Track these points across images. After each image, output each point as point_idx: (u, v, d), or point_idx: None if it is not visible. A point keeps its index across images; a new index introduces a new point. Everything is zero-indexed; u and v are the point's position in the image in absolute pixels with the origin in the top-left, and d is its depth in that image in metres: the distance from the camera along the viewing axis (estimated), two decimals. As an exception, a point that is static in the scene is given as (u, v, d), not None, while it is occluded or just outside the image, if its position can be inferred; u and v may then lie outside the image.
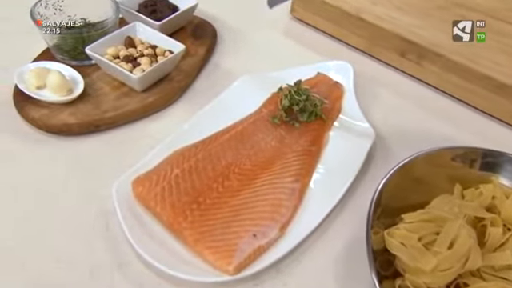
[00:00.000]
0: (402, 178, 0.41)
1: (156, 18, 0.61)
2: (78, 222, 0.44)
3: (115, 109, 0.52)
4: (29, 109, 0.51)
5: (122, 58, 0.54)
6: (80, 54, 0.56)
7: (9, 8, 0.67)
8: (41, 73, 0.52)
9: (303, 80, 0.58)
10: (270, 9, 0.76)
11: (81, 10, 0.60)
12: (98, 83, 0.55)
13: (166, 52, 0.56)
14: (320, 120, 0.52)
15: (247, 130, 0.50)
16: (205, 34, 0.65)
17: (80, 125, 0.50)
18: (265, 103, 0.54)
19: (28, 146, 0.50)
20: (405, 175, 0.41)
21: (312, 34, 0.71)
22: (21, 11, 0.58)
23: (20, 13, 0.58)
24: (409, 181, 0.42)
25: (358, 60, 0.66)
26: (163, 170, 0.44)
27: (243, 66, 0.63)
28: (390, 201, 0.40)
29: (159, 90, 0.55)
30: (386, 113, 0.58)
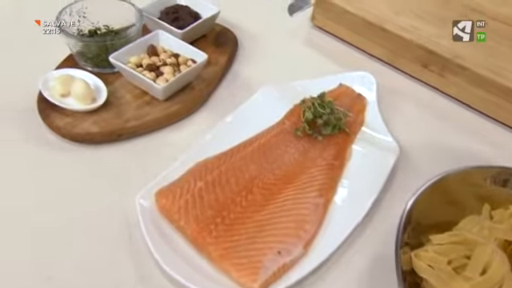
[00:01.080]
0: (430, 196, 0.40)
1: (178, 26, 0.60)
2: (100, 233, 0.44)
3: (137, 118, 0.51)
4: (53, 117, 0.50)
5: (145, 66, 0.54)
6: (103, 62, 0.56)
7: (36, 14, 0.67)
8: (65, 80, 0.52)
9: (325, 91, 0.57)
10: (291, 16, 0.76)
11: (104, 16, 0.60)
12: (121, 91, 0.55)
13: (189, 61, 0.56)
14: (343, 133, 0.51)
15: (270, 142, 0.49)
16: (226, 42, 0.64)
17: (102, 134, 0.50)
18: (287, 115, 0.53)
19: (52, 155, 0.50)
20: (434, 194, 0.40)
21: (333, 42, 0.70)
22: (47, 17, 0.58)
23: (46, 19, 0.58)
24: (437, 199, 0.40)
25: (379, 71, 0.64)
26: (186, 183, 0.44)
27: (263, 74, 0.63)
28: (417, 220, 0.39)
29: (181, 99, 0.54)
30: (408, 126, 0.56)
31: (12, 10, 0.69)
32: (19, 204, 0.46)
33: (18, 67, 0.59)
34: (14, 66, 0.60)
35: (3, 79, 0.58)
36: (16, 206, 0.46)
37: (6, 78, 0.58)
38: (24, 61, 0.60)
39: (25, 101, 0.53)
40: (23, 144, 0.51)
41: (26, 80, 0.56)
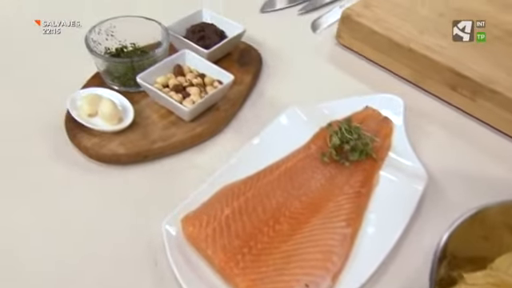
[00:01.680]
0: (467, 230, 0.38)
1: (204, 45, 0.60)
2: (125, 257, 0.44)
3: (163, 139, 0.51)
4: (81, 137, 0.50)
5: (172, 87, 0.54)
6: (129, 81, 0.56)
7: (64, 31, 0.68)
8: (93, 100, 0.52)
9: (351, 113, 0.57)
10: (314, 33, 0.75)
11: (131, 34, 0.60)
12: (147, 111, 0.55)
13: (215, 82, 0.55)
14: (370, 159, 0.50)
15: (296, 167, 0.49)
16: (250, 60, 0.64)
17: (129, 155, 0.50)
18: (313, 138, 0.52)
19: (79, 175, 0.50)
20: (470, 227, 0.39)
21: (358, 61, 0.69)
22: (76, 35, 0.58)
23: (76, 37, 0.58)
24: (473, 233, 0.39)
25: (406, 92, 0.63)
26: (213, 209, 0.43)
27: (288, 93, 0.62)
28: (452, 254, 0.38)
29: (206, 120, 0.54)
30: (437, 151, 0.55)
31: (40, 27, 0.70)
32: (44, 222, 0.46)
33: (47, 84, 0.60)
34: (42, 82, 0.60)
35: (32, 96, 0.58)
36: (40, 224, 0.46)
37: (35, 94, 0.59)
38: (52, 78, 0.61)
39: (53, 118, 0.54)
40: (51, 162, 0.51)
41: (54, 97, 0.56)
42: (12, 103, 0.58)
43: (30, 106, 0.57)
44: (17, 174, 0.50)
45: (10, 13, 0.72)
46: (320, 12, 0.79)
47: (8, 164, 0.51)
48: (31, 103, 0.57)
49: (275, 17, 0.78)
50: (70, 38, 0.65)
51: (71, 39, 0.64)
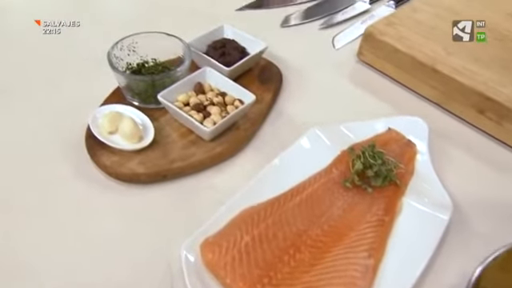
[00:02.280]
0: (500, 265, 0.37)
1: (225, 62, 0.59)
2: (143, 279, 0.43)
3: (183, 159, 0.50)
4: (101, 154, 0.50)
5: (192, 106, 0.53)
6: (150, 98, 0.55)
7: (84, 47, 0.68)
8: (114, 118, 0.51)
9: (373, 135, 0.55)
10: (335, 49, 0.73)
11: (152, 49, 0.59)
12: (167, 129, 0.54)
13: (236, 101, 0.54)
14: (393, 185, 0.49)
15: (317, 192, 0.47)
16: (271, 77, 0.63)
17: (148, 175, 0.49)
18: (335, 162, 0.51)
19: (98, 193, 0.49)
20: (505, 262, 0.37)
21: (380, 80, 0.67)
22: (98, 50, 0.58)
23: (98, 52, 0.58)
24: (508, 269, 0.37)
25: (430, 113, 0.61)
26: (232, 236, 0.42)
27: (308, 112, 0.61)
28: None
29: (226, 139, 0.53)
30: (462, 176, 0.53)
31: (61, 43, 0.70)
32: (62, 240, 0.45)
33: (68, 99, 0.60)
34: (63, 97, 0.60)
35: (53, 111, 0.58)
36: (59, 241, 0.45)
37: (57, 110, 0.58)
38: (74, 92, 0.61)
39: (74, 134, 0.53)
40: (71, 179, 0.50)
41: (75, 112, 0.56)
42: (33, 117, 0.58)
43: (51, 122, 0.57)
44: (36, 190, 0.49)
45: (33, 30, 0.71)
46: (341, 27, 0.78)
47: (28, 180, 0.50)
48: (52, 119, 0.57)
49: (296, 32, 0.77)
50: (93, 52, 0.65)
51: (93, 54, 0.65)
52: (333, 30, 0.77)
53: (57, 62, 0.66)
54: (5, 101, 0.60)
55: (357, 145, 0.53)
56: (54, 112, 0.58)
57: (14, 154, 0.53)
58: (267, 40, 0.64)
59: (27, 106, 0.59)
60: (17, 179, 0.50)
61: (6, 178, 0.50)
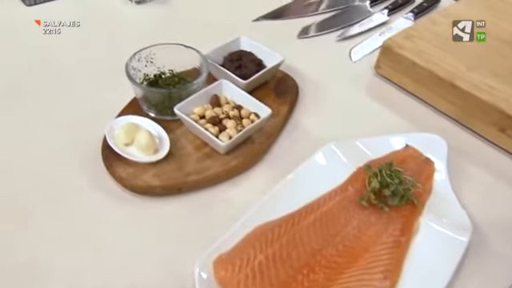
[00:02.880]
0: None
1: (241, 74, 0.59)
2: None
3: (198, 172, 0.50)
4: (116, 166, 0.50)
5: (208, 119, 0.53)
6: (166, 109, 0.55)
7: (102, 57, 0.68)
8: (130, 129, 0.51)
9: (390, 152, 0.54)
10: (352, 61, 0.72)
11: (169, 61, 0.59)
12: (182, 141, 0.54)
13: (252, 114, 0.54)
14: (411, 204, 0.48)
15: (332, 211, 0.46)
16: (287, 89, 0.62)
17: (163, 187, 0.49)
18: (350, 179, 0.50)
19: (114, 204, 0.49)
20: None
21: (397, 94, 0.66)
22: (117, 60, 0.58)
23: (115, 61, 0.58)
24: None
25: (448, 129, 0.60)
26: (246, 254, 0.42)
27: (324, 126, 0.60)
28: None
29: (241, 153, 0.53)
30: (482, 197, 0.52)
31: (77, 52, 0.70)
32: (76, 250, 0.45)
33: (85, 109, 0.60)
34: (81, 107, 0.60)
35: (71, 121, 0.58)
36: (72, 252, 0.45)
37: (74, 120, 0.58)
38: (91, 102, 0.61)
39: (91, 144, 0.53)
40: (86, 189, 0.50)
41: (92, 122, 0.56)
42: (49, 126, 0.58)
43: (68, 131, 0.57)
44: (51, 199, 0.49)
45: (49, 41, 0.72)
46: (358, 39, 0.77)
47: (43, 189, 0.50)
48: (69, 128, 0.57)
49: (312, 43, 0.76)
50: (111, 63, 0.66)
51: (111, 64, 0.65)
52: (350, 41, 0.76)
53: (75, 70, 0.66)
54: (19, 107, 0.60)
55: (373, 162, 0.52)
56: (71, 121, 0.58)
57: (30, 162, 0.53)
58: (284, 51, 0.64)
59: (43, 114, 0.59)
60: (32, 188, 0.50)
61: (21, 187, 0.50)
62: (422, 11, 0.83)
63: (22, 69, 0.66)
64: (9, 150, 0.54)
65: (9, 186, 0.51)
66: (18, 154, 0.54)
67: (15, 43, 0.72)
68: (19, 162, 0.53)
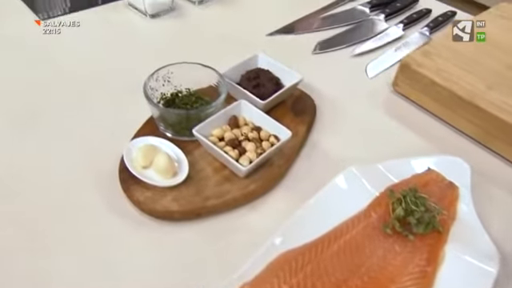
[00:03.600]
0: None
1: (259, 93, 0.58)
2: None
3: (217, 196, 0.49)
4: (134, 189, 0.49)
5: (227, 141, 0.51)
6: (183, 130, 0.54)
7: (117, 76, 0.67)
8: (148, 151, 0.50)
9: (412, 175, 0.52)
10: (368, 77, 0.71)
11: (186, 80, 0.58)
12: (200, 163, 0.52)
13: (271, 137, 0.52)
14: (436, 232, 0.46)
15: (356, 239, 0.45)
16: (305, 109, 0.61)
17: (182, 212, 0.47)
18: (373, 205, 0.49)
19: (131, 228, 0.48)
20: None
21: (416, 112, 0.65)
22: (132, 79, 0.57)
23: (131, 79, 0.57)
24: None
25: (471, 151, 0.58)
26: (270, 284, 0.40)
27: (342, 147, 0.58)
28: None
29: (260, 176, 0.51)
30: (507, 222, 0.50)
31: (91, 68, 0.69)
32: (92, 273, 0.44)
33: (101, 127, 0.59)
34: (96, 124, 0.59)
35: (86, 140, 0.57)
36: (88, 275, 0.44)
37: (90, 136, 0.57)
38: (107, 120, 0.60)
39: (107, 166, 0.52)
40: (103, 211, 0.49)
41: (108, 142, 0.55)
42: (65, 147, 0.56)
43: (84, 150, 0.55)
44: (67, 221, 0.48)
45: (63, 58, 0.71)
46: (374, 54, 0.75)
47: (59, 210, 0.49)
48: (85, 147, 0.56)
49: (327, 59, 0.75)
50: (126, 79, 0.65)
51: (126, 81, 0.64)
52: (365, 57, 0.75)
53: (90, 88, 0.65)
54: (34, 127, 0.59)
55: (396, 186, 0.50)
56: (86, 141, 0.57)
57: (45, 184, 0.52)
58: (299, 68, 0.62)
59: (58, 134, 0.58)
60: (46, 210, 0.49)
61: (35, 208, 0.49)
62: (438, 25, 0.81)
63: (37, 87, 0.65)
64: (24, 170, 0.53)
65: (23, 206, 0.49)
66: (32, 174, 0.53)
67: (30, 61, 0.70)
68: (34, 183, 0.52)
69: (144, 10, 0.79)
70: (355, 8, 0.87)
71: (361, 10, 0.86)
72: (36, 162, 0.54)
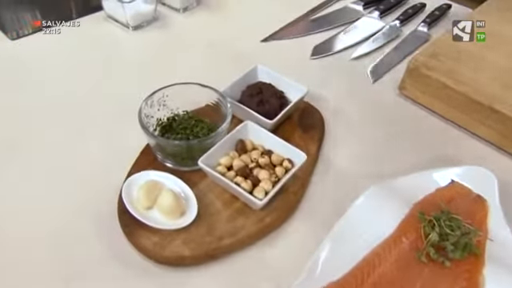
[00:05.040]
0: None
1: (264, 111, 0.52)
2: None
3: (231, 234, 0.43)
4: (139, 235, 0.42)
5: (237, 170, 0.46)
6: (185, 160, 0.48)
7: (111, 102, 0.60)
8: (150, 189, 0.44)
9: (434, 189, 0.48)
10: (373, 83, 0.66)
11: (182, 101, 0.52)
12: (208, 196, 0.47)
13: (285, 161, 0.47)
14: (473, 256, 0.42)
15: (391, 271, 0.40)
16: (313, 123, 0.56)
17: (194, 257, 0.42)
18: (403, 228, 0.44)
19: (134, 277, 0.42)
20: None
21: (426, 116, 0.60)
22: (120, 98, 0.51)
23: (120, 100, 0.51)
24: None
25: (489, 156, 0.55)
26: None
27: (356, 162, 0.54)
28: None
29: (276, 206, 0.46)
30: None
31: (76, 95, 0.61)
32: None
33: (93, 159, 0.52)
34: (88, 158, 0.52)
35: (78, 176, 0.50)
36: None
37: (82, 173, 0.50)
38: (97, 151, 0.53)
39: (104, 205, 0.46)
40: (103, 259, 0.43)
41: (103, 177, 0.49)
42: (54, 185, 0.49)
43: (76, 191, 0.48)
44: (63, 273, 0.42)
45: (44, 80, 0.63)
46: (374, 55, 0.71)
47: (52, 263, 0.43)
48: (77, 187, 0.49)
49: (327, 63, 0.69)
50: (115, 101, 0.58)
51: (116, 104, 0.58)
52: (365, 59, 0.70)
53: (77, 113, 0.58)
54: (11, 159, 0.52)
55: (422, 204, 0.46)
56: (77, 177, 0.50)
57: (30, 233, 0.45)
58: (299, 75, 0.58)
59: (41, 167, 0.51)
60: (37, 261, 0.43)
61: (24, 258, 0.43)
62: (435, 20, 0.77)
63: (12, 114, 0.58)
64: (12, 213, 0.46)
65: (12, 257, 0.43)
66: (13, 224, 0.46)
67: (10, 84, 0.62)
68: (15, 237, 0.45)
69: (126, 22, 0.72)
70: (347, 7, 0.82)
71: (353, 9, 0.81)
72: (16, 207, 0.47)
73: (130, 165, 0.49)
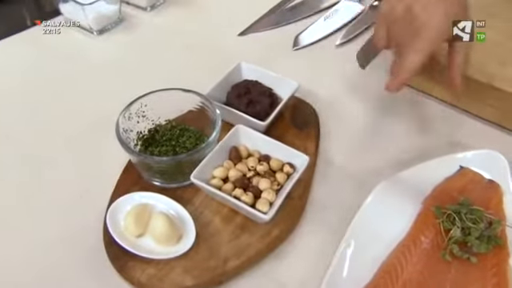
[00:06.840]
0: None
1: (254, 112, 0.48)
2: None
3: (237, 254, 0.39)
4: (131, 268, 0.37)
5: (234, 181, 0.41)
6: (174, 175, 0.43)
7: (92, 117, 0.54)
8: (140, 215, 0.39)
9: (444, 179, 0.45)
10: (363, 69, 0.63)
11: (163, 109, 0.47)
12: (205, 214, 0.42)
13: (285, 166, 0.43)
14: (497, 247, 0.39)
15: (416, 276, 0.37)
16: (307, 120, 0.52)
17: (199, 285, 0.37)
18: (419, 226, 0.41)
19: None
20: None
21: (422, 100, 0.57)
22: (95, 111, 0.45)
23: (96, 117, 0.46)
24: None
25: (491, 135, 0.52)
26: None
27: (357, 157, 0.50)
28: None
29: (281, 216, 0.41)
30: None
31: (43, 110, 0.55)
32: None
33: (68, 184, 0.46)
34: (62, 182, 0.46)
35: (55, 204, 0.44)
36: None
37: (58, 199, 0.45)
38: (75, 174, 0.47)
39: (89, 236, 0.40)
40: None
41: (83, 203, 0.43)
42: (28, 218, 0.43)
43: (53, 222, 0.43)
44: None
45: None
46: (359, 41, 0.67)
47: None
48: (54, 217, 0.43)
49: (312, 53, 0.65)
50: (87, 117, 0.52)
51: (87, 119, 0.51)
52: (351, 45, 0.66)
53: (46, 131, 0.52)
54: None
55: (435, 198, 0.43)
56: (55, 206, 0.44)
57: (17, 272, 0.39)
58: (284, 68, 0.54)
59: (11, 203, 0.45)
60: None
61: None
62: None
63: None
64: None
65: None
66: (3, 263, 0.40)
67: None
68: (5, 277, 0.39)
69: (88, 27, 0.65)
70: (324, -9, 0.78)
71: (331, -7, 0.77)
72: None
73: (111, 187, 0.44)
